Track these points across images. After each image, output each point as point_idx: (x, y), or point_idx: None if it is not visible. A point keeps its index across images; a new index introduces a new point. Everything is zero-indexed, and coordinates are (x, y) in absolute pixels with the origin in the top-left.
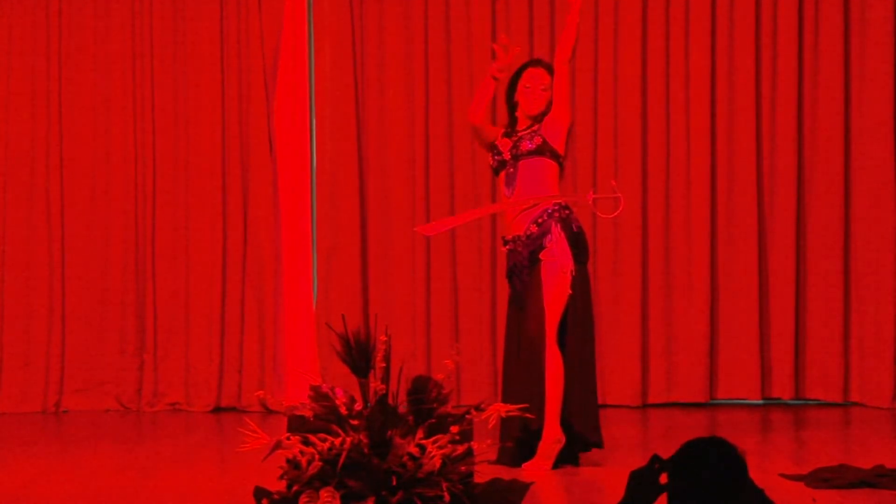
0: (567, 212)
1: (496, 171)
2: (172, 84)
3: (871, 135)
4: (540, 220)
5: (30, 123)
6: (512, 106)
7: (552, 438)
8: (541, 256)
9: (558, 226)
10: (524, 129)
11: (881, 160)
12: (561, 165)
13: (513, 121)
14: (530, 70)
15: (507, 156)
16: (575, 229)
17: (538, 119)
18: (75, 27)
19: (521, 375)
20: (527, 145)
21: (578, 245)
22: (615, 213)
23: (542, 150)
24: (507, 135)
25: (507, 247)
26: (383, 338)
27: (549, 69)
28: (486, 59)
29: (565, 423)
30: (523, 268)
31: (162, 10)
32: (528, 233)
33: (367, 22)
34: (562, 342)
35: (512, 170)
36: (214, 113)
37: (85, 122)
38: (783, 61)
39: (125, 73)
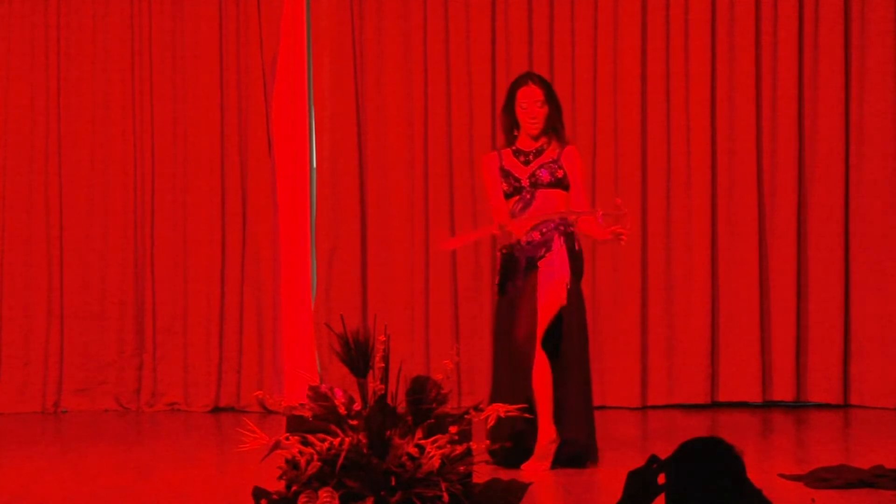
0: (571, 229)
1: (509, 196)
2: (171, 84)
3: (871, 135)
4: (543, 230)
5: (29, 123)
6: (510, 125)
7: (547, 439)
8: (539, 264)
9: (561, 238)
10: (532, 151)
11: (882, 160)
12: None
13: (511, 139)
14: (523, 89)
15: (525, 183)
16: (576, 248)
17: (544, 137)
18: (74, 27)
19: (509, 380)
20: (547, 177)
21: (577, 262)
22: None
23: (562, 182)
24: (518, 157)
25: (504, 251)
26: (382, 338)
27: (540, 82)
28: (485, 59)
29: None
30: (519, 272)
31: (161, 9)
32: (529, 239)
33: (366, 22)
34: (555, 354)
35: (529, 196)
36: (213, 113)
37: (84, 121)
38: (783, 61)
39: (124, 73)
